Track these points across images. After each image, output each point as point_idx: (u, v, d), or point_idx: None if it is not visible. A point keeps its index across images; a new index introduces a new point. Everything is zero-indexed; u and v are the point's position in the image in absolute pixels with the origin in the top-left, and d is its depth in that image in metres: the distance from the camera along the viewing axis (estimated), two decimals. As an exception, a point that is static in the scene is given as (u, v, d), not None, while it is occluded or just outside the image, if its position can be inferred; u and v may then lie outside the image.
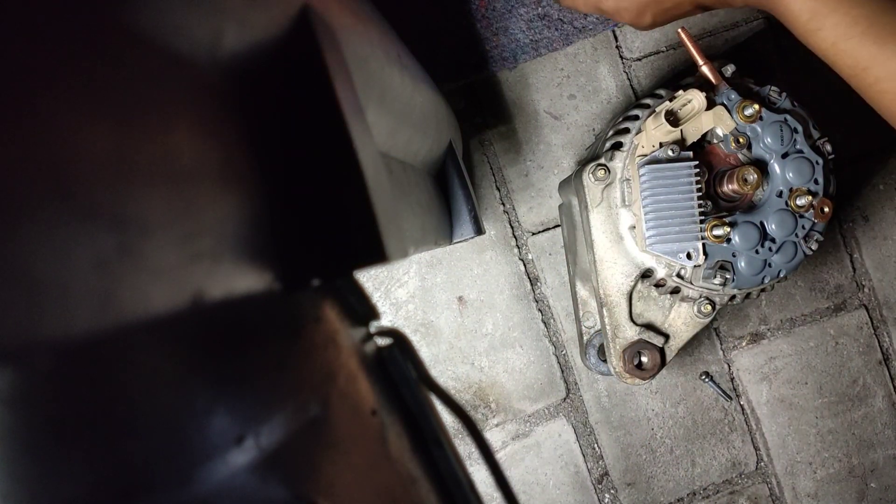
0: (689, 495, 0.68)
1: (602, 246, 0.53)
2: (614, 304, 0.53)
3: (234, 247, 0.17)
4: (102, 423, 0.13)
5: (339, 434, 0.19)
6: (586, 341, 0.59)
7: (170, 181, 0.14)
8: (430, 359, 0.66)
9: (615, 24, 0.66)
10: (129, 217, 0.12)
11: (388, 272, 0.66)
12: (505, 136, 0.66)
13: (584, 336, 0.60)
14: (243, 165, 0.18)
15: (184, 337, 0.16)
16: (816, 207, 0.50)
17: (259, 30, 0.18)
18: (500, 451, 0.67)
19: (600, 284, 0.53)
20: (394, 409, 0.22)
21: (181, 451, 0.15)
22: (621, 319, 0.53)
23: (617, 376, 0.55)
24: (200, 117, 0.16)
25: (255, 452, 0.16)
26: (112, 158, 0.12)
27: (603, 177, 0.52)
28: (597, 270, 0.53)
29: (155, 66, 0.14)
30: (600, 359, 0.59)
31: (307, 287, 0.20)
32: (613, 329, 0.53)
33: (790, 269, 0.51)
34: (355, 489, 0.19)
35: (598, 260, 0.53)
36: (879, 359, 0.70)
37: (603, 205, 0.52)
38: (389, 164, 0.36)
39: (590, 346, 0.59)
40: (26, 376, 0.13)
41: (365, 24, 0.29)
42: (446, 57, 0.64)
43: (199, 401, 0.15)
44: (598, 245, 0.53)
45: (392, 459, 0.21)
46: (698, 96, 0.49)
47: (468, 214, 0.52)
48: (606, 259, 0.53)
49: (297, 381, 0.19)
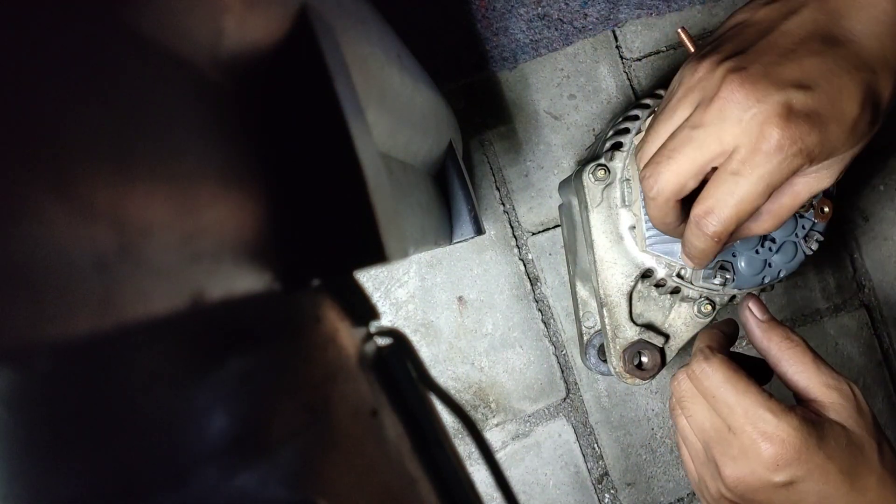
0: (689, 495, 0.68)
1: (602, 246, 0.53)
2: (614, 305, 0.53)
3: (235, 247, 0.17)
4: (102, 424, 0.13)
5: (339, 434, 0.19)
6: (586, 341, 0.59)
7: (170, 181, 0.14)
8: (430, 359, 0.66)
9: (615, 24, 0.66)
10: (129, 217, 0.12)
11: (388, 272, 0.66)
12: (505, 136, 0.66)
13: (585, 336, 0.60)
14: (243, 165, 0.18)
15: (183, 337, 0.16)
16: (816, 207, 0.50)
17: (259, 29, 0.18)
18: (500, 451, 0.67)
19: (600, 285, 0.53)
20: (394, 410, 0.22)
21: (181, 451, 0.15)
22: (621, 319, 0.53)
23: (617, 376, 0.55)
24: (200, 117, 0.16)
25: (254, 452, 0.16)
26: (112, 158, 0.12)
27: (603, 177, 0.51)
28: (597, 270, 0.53)
29: (155, 65, 0.14)
30: (600, 359, 0.59)
31: (307, 287, 0.20)
32: (613, 329, 0.53)
33: (790, 269, 0.51)
34: (355, 489, 0.19)
35: (598, 260, 0.53)
36: (879, 359, 0.70)
37: (603, 205, 0.52)
38: (389, 164, 0.36)
39: (590, 347, 0.59)
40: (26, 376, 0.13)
41: (365, 23, 0.29)
42: (446, 57, 0.64)
43: (199, 401, 0.15)
44: (598, 245, 0.53)
45: (392, 460, 0.21)
46: None
47: (468, 214, 0.52)
48: (606, 259, 0.53)
49: (297, 381, 0.19)
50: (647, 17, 0.66)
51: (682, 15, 0.67)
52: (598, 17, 0.66)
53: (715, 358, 0.43)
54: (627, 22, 0.66)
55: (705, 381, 0.42)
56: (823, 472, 0.39)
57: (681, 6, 0.66)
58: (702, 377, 0.43)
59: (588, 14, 0.66)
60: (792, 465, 0.39)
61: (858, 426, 0.40)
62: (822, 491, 0.39)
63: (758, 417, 0.40)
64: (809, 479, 0.39)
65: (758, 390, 0.41)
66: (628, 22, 0.66)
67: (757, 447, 0.40)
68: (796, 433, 0.39)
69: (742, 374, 0.42)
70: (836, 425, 0.40)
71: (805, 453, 0.39)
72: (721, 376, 0.42)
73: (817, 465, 0.39)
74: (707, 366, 0.42)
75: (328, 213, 0.20)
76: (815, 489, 0.39)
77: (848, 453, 0.39)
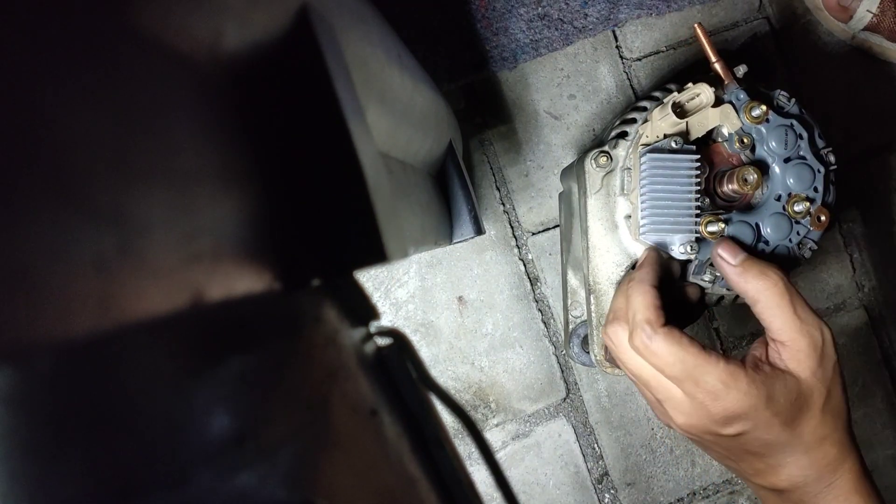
0: (689, 495, 0.68)
1: (596, 233, 0.52)
2: (602, 293, 0.53)
3: (234, 247, 0.17)
4: (101, 424, 0.13)
5: (338, 434, 0.19)
6: (571, 330, 0.59)
7: (170, 180, 0.14)
8: (430, 359, 0.66)
9: (615, 24, 0.66)
10: (129, 216, 0.12)
11: (388, 272, 0.66)
12: (505, 136, 0.66)
13: (570, 325, 0.59)
14: (243, 165, 0.18)
15: (183, 337, 0.16)
16: (813, 215, 0.50)
17: (259, 29, 0.18)
18: (500, 451, 0.67)
19: (590, 272, 0.53)
20: (394, 409, 0.22)
21: (181, 451, 0.15)
22: (607, 308, 0.53)
23: (598, 365, 0.54)
24: (200, 116, 0.16)
25: (254, 453, 0.16)
26: (112, 158, 0.12)
27: (605, 164, 0.51)
28: (588, 258, 0.53)
29: (156, 64, 0.14)
30: (583, 349, 0.59)
31: (307, 287, 0.20)
32: (598, 317, 0.53)
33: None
34: (355, 489, 0.19)
35: (591, 247, 0.53)
36: (879, 359, 0.70)
37: (602, 192, 0.52)
38: (389, 164, 0.36)
39: (574, 336, 0.59)
40: (26, 376, 0.13)
41: (365, 24, 0.29)
42: (446, 57, 0.64)
43: (199, 401, 0.15)
44: (592, 232, 0.52)
45: (392, 459, 0.21)
46: (707, 90, 0.49)
47: (468, 214, 0.52)
48: (600, 247, 0.53)
49: (297, 381, 0.19)
50: (647, 17, 0.66)
51: (682, 15, 0.67)
52: (598, 17, 0.66)
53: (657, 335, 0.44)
54: (627, 22, 0.66)
55: (651, 357, 0.44)
56: (768, 425, 0.42)
57: (681, 6, 0.66)
58: (647, 354, 0.44)
59: (588, 14, 0.66)
60: (740, 422, 0.42)
61: (814, 376, 0.43)
62: (765, 439, 0.43)
63: (709, 386, 0.42)
64: (755, 431, 0.43)
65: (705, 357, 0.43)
66: (628, 22, 0.66)
67: (706, 408, 0.43)
68: (745, 397, 0.42)
69: (685, 339, 0.43)
70: (790, 377, 0.43)
71: (752, 412, 0.42)
72: (666, 351, 0.43)
73: (763, 420, 0.42)
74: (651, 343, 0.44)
75: (328, 213, 0.20)
76: (758, 437, 0.43)
77: (794, 406, 0.43)
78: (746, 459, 0.45)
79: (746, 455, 0.45)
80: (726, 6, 0.67)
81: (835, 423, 0.44)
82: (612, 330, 0.47)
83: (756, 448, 0.44)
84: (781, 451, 0.43)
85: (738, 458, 0.45)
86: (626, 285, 0.49)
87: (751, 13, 0.67)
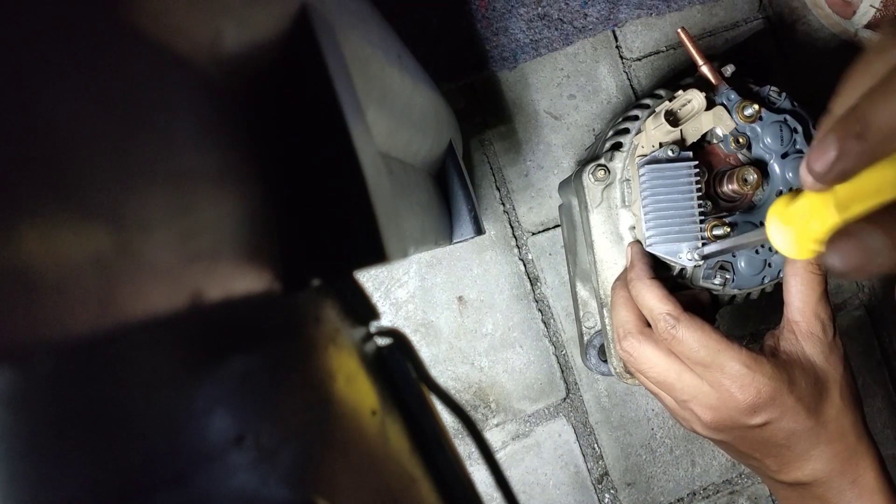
0: (689, 495, 0.68)
1: (602, 247, 0.53)
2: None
3: (234, 246, 0.17)
4: (102, 424, 0.13)
5: (338, 434, 0.19)
6: (587, 342, 0.59)
7: (169, 180, 0.14)
8: (430, 359, 0.66)
9: (615, 24, 0.66)
10: (128, 216, 0.12)
11: (388, 272, 0.66)
12: (505, 136, 0.66)
13: (585, 336, 0.60)
14: (243, 165, 0.18)
15: (183, 337, 0.16)
16: None
17: (259, 29, 0.18)
18: (500, 451, 0.67)
19: (600, 285, 0.53)
20: (394, 409, 0.22)
21: (181, 451, 0.15)
22: None
23: (617, 376, 0.55)
24: (200, 116, 0.16)
25: (254, 452, 0.16)
26: (111, 157, 0.12)
27: (603, 177, 0.51)
28: (597, 271, 0.53)
29: (155, 63, 0.14)
30: (601, 359, 0.59)
31: (307, 287, 0.20)
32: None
33: (790, 270, 0.51)
34: (355, 489, 0.19)
35: (598, 261, 0.53)
36: (879, 359, 0.70)
37: (603, 205, 0.52)
38: (389, 164, 0.36)
39: (590, 347, 0.59)
40: (26, 376, 0.13)
41: (365, 24, 0.29)
42: (446, 57, 0.64)
43: (199, 401, 0.15)
44: (598, 246, 0.53)
45: (392, 459, 0.21)
46: (698, 96, 0.49)
47: (468, 214, 0.52)
48: (607, 260, 0.53)
49: (297, 381, 0.19)
50: (647, 17, 0.66)
51: (682, 15, 0.67)
52: (598, 17, 0.66)
53: (680, 322, 0.44)
54: (627, 22, 0.66)
55: (677, 346, 0.45)
56: (794, 412, 0.43)
57: (681, 6, 0.66)
58: (673, 343, 0.45)
59: (588, 14, 0.66)
60: (767, 410, 0.43)
61: (827, 362, 0.44)
62: (791, 428, 0.44)
63: (734, 371, 0.43)
64: (781, 419, 0.43)
65: (728, 344, 0.44)
66: (628, 22, 0.66)
67: (735, 398, 0.43)
68: (770, 381, 0.43)
69: (707, 325, 0.44)
70: (806, 362, 0.44)
71: (778, 398, 0.43)
72: (691, 336, 0.44)
73: (789, 407, 0.43)
74: (676, 331, 0.44)
75: (328, 213, 0.20)
76: (785, 427, 0.44)
77: (814, 391, 0.44)
78: (772, 453, 0.45)
79: (773, 447, 0.45)
80: (726, 6, 0.67)
81: (854, 415, 0.45)
82: (627, 344, 0.48)
83: (782, 438, 0.44)
84: (807, 439, 0.44)
85: (764, 452, 0.46)
86: (623, 292, 0.49)
87: (751, 13, 0.67)
